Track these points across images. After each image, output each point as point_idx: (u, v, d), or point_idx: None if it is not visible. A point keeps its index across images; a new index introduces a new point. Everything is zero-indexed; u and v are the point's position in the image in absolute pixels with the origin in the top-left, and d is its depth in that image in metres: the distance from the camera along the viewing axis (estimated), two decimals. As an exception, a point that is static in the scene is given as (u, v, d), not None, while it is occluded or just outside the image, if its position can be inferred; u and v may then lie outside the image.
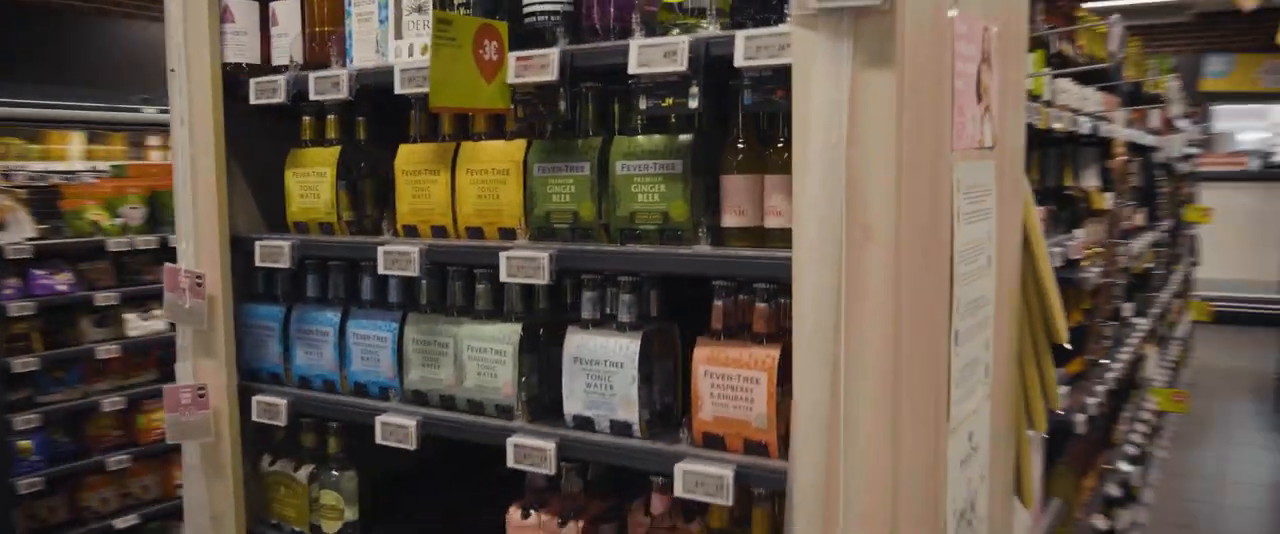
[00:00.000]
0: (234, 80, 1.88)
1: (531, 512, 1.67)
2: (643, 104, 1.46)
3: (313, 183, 1.87)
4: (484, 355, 1.69)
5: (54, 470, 3.49)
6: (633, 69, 1.40)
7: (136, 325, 3.78)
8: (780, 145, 1.43)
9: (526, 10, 1.55)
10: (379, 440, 1.75)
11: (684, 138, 1.49)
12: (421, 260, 1.67)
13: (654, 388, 1.57)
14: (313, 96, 1.78)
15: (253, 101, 1.85)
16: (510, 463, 1.59)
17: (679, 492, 1.43)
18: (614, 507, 1.68)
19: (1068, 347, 1.99)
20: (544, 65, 1.48)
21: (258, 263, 1.88)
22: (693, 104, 1.39)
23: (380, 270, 1.72)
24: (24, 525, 3.46)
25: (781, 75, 1.28)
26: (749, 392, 1.43)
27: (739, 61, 1.31)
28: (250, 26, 1.89)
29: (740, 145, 1.45)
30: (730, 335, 1.47)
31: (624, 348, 1.54)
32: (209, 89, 1.85)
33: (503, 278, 1.58)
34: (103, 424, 3.70)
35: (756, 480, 1.40)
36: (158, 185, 3.84)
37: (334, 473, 1.95)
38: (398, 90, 1.65)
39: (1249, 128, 9.59)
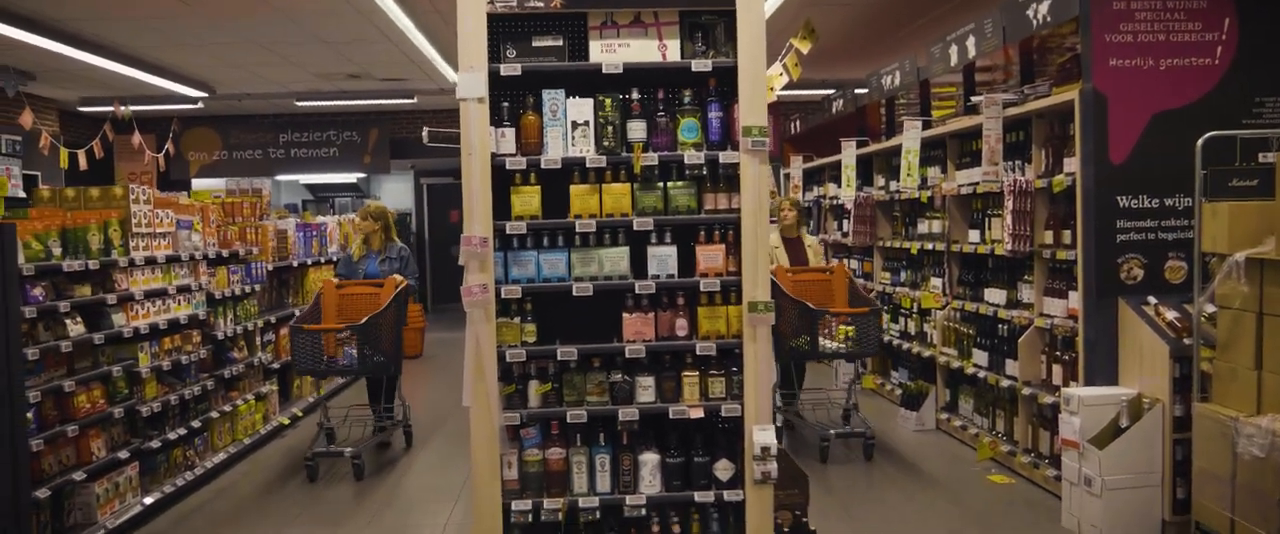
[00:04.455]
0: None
1: (634, 312, 4.77)
2: (687, 171, 4.73)
3: (527, 199, 4.70)
4: (613, 259, 4.74)
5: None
6: (686, 161, 4.66)
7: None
8: (729, 185, 4.78)
9: (630, 138, 4.69)
10: (574, 294, 4.68)
11: (693, 181, 4.77)
12: (595, 225, 4.68)
13: (679, 262, 4.79)
14: (542, 168, 4.65)
15: (508, 168, 4.63)
16: (636, 292, 4.69)
17: (703, 288, 4.70)
18: (666, 307, 4.85)
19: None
20: (653, 160, 4.66)
21: (508, 232, 4.66)
22: (705, 172, 4.71)
23: (576, 231, 4.67)
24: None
25: (734, 167, 4.65)
26: (718, 256, 4.75)
27: (722, 161, 4.65)
28: (494, 135, 4.66)
29: (721, 184, 4.77)
30: (707, 242, 4.77)
31: (671, 251, 4.75)
32: (479, 160, 4.57)
33: (635, 229, 4.68)
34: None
35: (723, 284, 4.73)
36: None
37: (530, 317, 4.78)
38: (588, 165, 4.65)
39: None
